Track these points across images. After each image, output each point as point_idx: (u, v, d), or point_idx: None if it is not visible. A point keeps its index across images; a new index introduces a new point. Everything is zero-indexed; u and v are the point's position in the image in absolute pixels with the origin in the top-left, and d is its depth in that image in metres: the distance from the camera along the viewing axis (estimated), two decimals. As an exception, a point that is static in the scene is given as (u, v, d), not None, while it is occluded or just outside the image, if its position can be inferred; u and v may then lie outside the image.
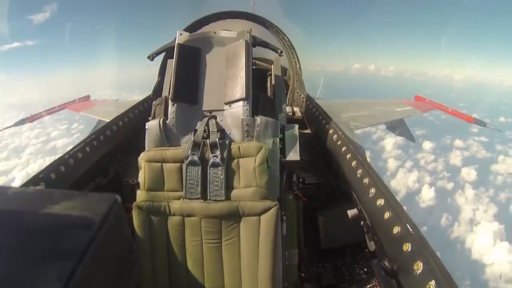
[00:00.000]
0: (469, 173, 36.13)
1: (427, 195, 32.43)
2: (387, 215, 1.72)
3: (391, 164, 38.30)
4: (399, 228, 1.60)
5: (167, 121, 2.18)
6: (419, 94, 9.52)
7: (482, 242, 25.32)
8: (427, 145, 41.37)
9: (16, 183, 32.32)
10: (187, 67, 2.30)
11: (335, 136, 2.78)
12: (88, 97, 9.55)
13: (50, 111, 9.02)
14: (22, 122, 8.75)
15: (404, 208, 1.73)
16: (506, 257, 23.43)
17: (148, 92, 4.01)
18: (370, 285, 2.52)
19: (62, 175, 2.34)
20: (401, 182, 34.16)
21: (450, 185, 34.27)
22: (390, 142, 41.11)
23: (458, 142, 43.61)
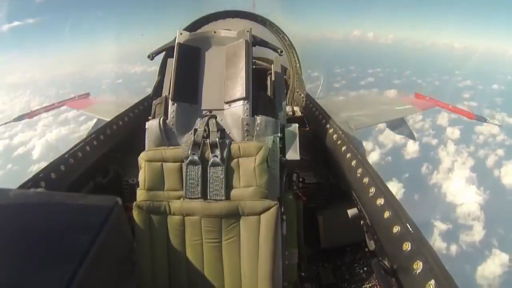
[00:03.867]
0: (453, 132, 37.93)
1: (412, 148, 34.50)
2: (387, 214, 1.73)
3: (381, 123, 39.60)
4: (399, 227, 1.60)
5: (167, 121, 2.19)
6: (419, 92, 9.64)
7: (455, 186, 28.44)
8: None
9: (37, 151, 33.07)
10: (187, 67, 2.31)
11: (335, 136, 2.79)
12: (87, 94, 9.64)
13: (49, 108, 9.10)
14: (21, 118, 8.85)
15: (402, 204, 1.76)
16: (474, 198, 26.69)
17: (149, 84, 4.01)
18: (370, 285, 2.51)
19: (62, 175, 2.35)
20: (388, 137, 35.83)
21: (434, 141, 36.51)
22: None
23: None
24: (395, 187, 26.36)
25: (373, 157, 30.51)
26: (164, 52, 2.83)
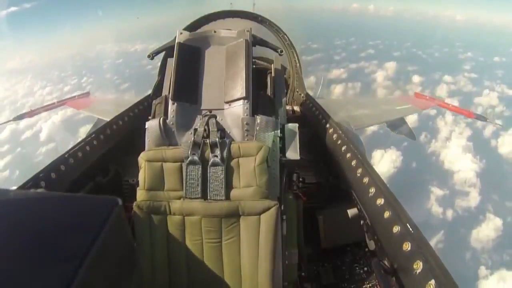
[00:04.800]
0: (452, 103, 37.33)
1: (411, 118, 35.81)
2: (387, 214, 1.73)
3: (380, 92, 40.57)
4: (399, 227, 1.61)
5: (167, 120, 2.19)
6: (419, 92, 9.71)
7: (453, 154, 29.52)
8: (416, 78, 43.32)
9: (44, 133, 33.62)
10: (187, 66, 2.30)
11: (335, 135, 2.79)
12: (88, 93, 9.76)
13: (49, 107, 9.19)
14: (21, 117, 8.95)
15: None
16: (470, 166, 27.78)
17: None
18: (370, 285, 2.52)
19: (62, 174, 2.35)
20: None
21: (432, 112, 36.23)
22: (381, 74, 43.94)
23: (447, 77, 44.97)
24: (393, 155, 27.00)
25: (372, 127, 30.66)
26: (164, 52, 2.81)
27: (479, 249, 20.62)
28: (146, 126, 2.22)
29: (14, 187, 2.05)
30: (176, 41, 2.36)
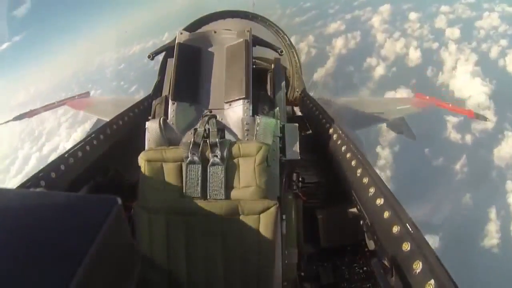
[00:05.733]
0: (453, 32, 37.26)
1: (414, 55, 34.78)
2: (386, 214, 1.73)
3: (379, 37, 39.93)
4: (399, 227, 1.61)
5: (167, 120, 2.19)
6: (419, 92, 9.66)
7: (461, 82, 29.49)
8: (413, 15, 42.19)
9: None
10: (187, 66, 2.31)
11: (335, 135, 2.79)
12: (87, 94, 9.69)
13: (49, 107, 9.25)
14: (21, 116, 8.95)
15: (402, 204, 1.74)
16: (481, 89, 27.86)
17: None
18: (370, 284, 2.51)
19: (62, 174, 2.36)
20: (389, 50, 36.16)
21: (435, 45, 36.01)
22: (377, 19, 42.73)
23: (444, 8, 43.16)
24: (404, 93, 26.55)
25: (379, 71, 31.46)
26: (164, 52, 2.83)
27: (503, 166, 21.38)
28: (146, 126, 2.23)
29: (14, 186, 2.05)
30: (176, 42, 2.37)
